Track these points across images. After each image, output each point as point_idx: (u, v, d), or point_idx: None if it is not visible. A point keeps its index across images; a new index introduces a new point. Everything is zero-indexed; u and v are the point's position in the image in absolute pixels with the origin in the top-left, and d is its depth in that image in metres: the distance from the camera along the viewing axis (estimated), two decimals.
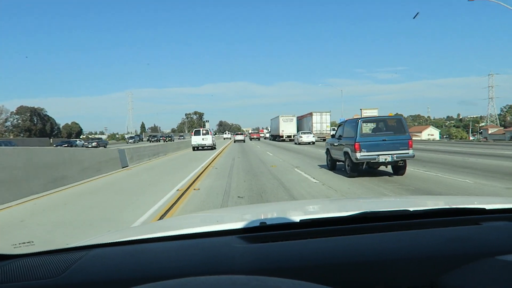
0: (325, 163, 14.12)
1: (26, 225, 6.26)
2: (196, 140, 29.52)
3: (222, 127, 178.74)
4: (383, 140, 10.63)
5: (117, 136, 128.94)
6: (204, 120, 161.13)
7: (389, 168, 11.90)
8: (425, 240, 1.11)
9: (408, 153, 10.63)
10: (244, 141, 52.84)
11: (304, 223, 1.27)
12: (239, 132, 65.22)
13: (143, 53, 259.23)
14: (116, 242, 1.23)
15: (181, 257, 1.06)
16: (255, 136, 66.41)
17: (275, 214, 1.81)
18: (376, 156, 10.52)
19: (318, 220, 1.30)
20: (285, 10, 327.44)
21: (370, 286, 0.94)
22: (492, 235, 1.16)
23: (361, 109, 46.11)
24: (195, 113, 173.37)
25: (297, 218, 1.32)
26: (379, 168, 11.85)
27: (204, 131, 30.15)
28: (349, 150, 11.05)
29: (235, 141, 53.15)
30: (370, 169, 11.56)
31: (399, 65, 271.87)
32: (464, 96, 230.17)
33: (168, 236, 1.26)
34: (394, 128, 10.97)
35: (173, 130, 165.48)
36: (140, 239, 1.25)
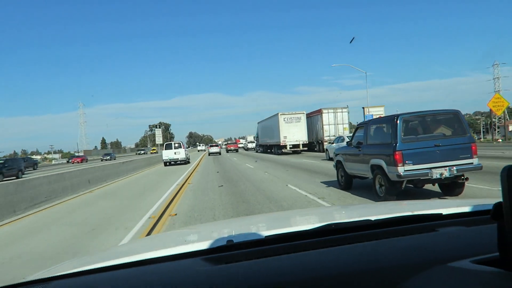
0: (331, 179, 10.66)
1: None
2: (167, 154, 27.24)
3: (193, 139, 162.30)
4: (435, 146, 7.17)
5: (51, 156, 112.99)
6: (170, 131, 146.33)
7: (436, 187, 8.42)
8: (384, 250, 1.14)
9: (472, 163, 7.22)
10: (219, 153, 45.59)
11: (271, 239, 1.28)
12: (213, 144, 55.99)
13: (108, 67, 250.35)
14: (76, 273, 1.17)
15: (140, 286, 1.02)
16: (232, 148, 54.65)
17: (243, 230, 1.71)
18: (428, 171, 7.03)
19: (283, 236, 1.32)
20: (252, 20, 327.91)
21: None
22: (445, 242, 1.19)
23: (364, 108, 33.25)
24: (160, 124, 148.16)
25: (263, 234, 1.32)
26: (424, 187, 8.24)
27: (176, 144, 27.86)
28: (382, 163, 7.50)
29: (209, 153, 45.44)
30: (409, 188, 8.09)
31: (365, 70, 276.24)
32: (425, 98, 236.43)
33: (128, 263, 1.20)
34: (447, 128, 7.56)
35: (136, 145, 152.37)
36: (99, 268, 1.19)
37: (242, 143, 73.83)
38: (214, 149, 45.47)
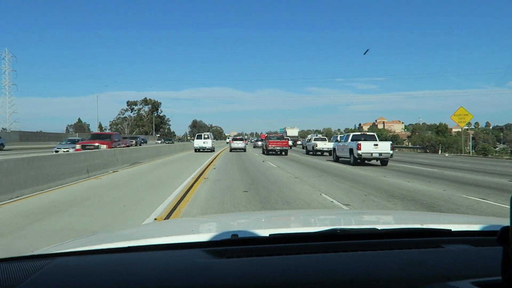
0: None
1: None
2: (198, 143, 34.60)
3: (197, 129, 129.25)
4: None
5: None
6: (159, 113, 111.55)
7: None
8: (386, 262, 1.14)
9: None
10: (244, 150, 35.65)
11: (275, 238, 1.28)
12: (237, 137, 44.21)
13: (124, 55, 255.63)
14: (79, 252, 1.23)
15: (139, 271, 1.05)
16: (277, 147, 29.33)
17: (250, 225, 1.82)
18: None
19: (288, 236, 1.33)
20: (268, 18, 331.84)
21: None
22: (449, 260, 1.18)
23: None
24: (145, 102, 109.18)
25: (267, 232, 1.31)
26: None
27: (205, 136, 35.40)
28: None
29: (231, 149, 35.58)
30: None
31: (378, 75, 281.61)
32: (437, 107, 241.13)
33: (131, 247, 1.25)
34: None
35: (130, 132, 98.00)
36: (101, 249, 1.25)
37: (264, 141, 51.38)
38: (238, 144, 35.77)
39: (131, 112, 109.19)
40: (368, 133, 21.06)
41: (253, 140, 72.59)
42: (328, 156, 26.74)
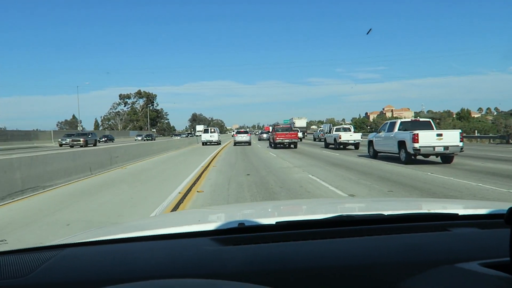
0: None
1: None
2: (205, 137, 36.22)
3: (196, 123, 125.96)
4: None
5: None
6: (155, 106, 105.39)
7: None
8: (393, 245, 1.14)
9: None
10: (249, 143, 33.38)
11: (282, 225, 1.27)
12: (241, 130, 43.29)
13: (124, 51, 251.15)
14: (87, 242, 1.25)
15: (147, 259, 1.06)
16: (286, 139, 26.32)
17: (256, 214, 1.80)
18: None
19: (294, 223, 1.32)
20: (268, 10, 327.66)
21: None
22: (456, 242, 1.17)
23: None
24: (139, 94, 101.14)
25: (274, 220, 1.31)
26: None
27: (212, 130, 37.02)
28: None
29: (235, 143, 33.61)
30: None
31: (379, 65, 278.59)
32: (441, 95, 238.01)
33: (139, 237, 1.26)
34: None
35: (113, 128, 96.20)
36: (111, 239, 1.27)
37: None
38: (243, 137, 33.40)
39: (124, 106, 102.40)
40: (421, 120, 15.99)
41: (257, 133, 68.25)
42: (354, 149, 22.74)
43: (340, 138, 23.66)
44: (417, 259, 1.03)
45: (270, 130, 36.82)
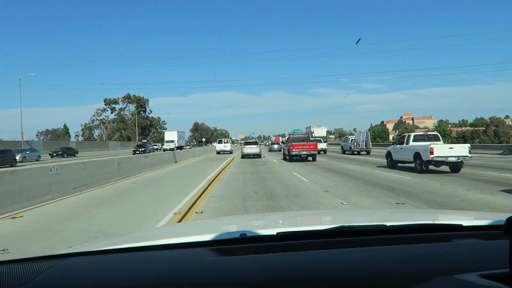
0: None
1: None
2: (219, 146, 39.79)
3: (198, 133, 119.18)
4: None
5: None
6: (148, 113, 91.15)
7: None
8: (393, 256, 1.14)
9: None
10: (260, 156, 29.52)
11: (282, 236, 1.27)
12: (250, 140, 35.42)
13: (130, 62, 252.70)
14: (88, 252, 1.25)
15: (147, 269, 1.06)
16: (304, 151, 22.30)
17: (258, 225, 1.80)
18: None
19: (295, 234, 1.31)
20: (272, 21, 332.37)
21: None
22: (457, 253, 1.17)
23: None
24: (128, 99, 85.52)
25: (275, 231, 1.30)
26: None
27: (225, 140, 40.84)
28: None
29: (243, 155, 29.58)
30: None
31: (383, 75, 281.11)
32: (445, 105, 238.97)
33: (140, 247, 1.28)
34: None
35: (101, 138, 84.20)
36: (111, 249, 1.27)
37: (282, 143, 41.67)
38: (252, 149, 29.33)
39: (111, 112, 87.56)
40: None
41: (267, 143, 66.70)
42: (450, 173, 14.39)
43: (432, 153, 14.15)
44: (418, 270, 1.03)
45: (281, 141, 36.68)
